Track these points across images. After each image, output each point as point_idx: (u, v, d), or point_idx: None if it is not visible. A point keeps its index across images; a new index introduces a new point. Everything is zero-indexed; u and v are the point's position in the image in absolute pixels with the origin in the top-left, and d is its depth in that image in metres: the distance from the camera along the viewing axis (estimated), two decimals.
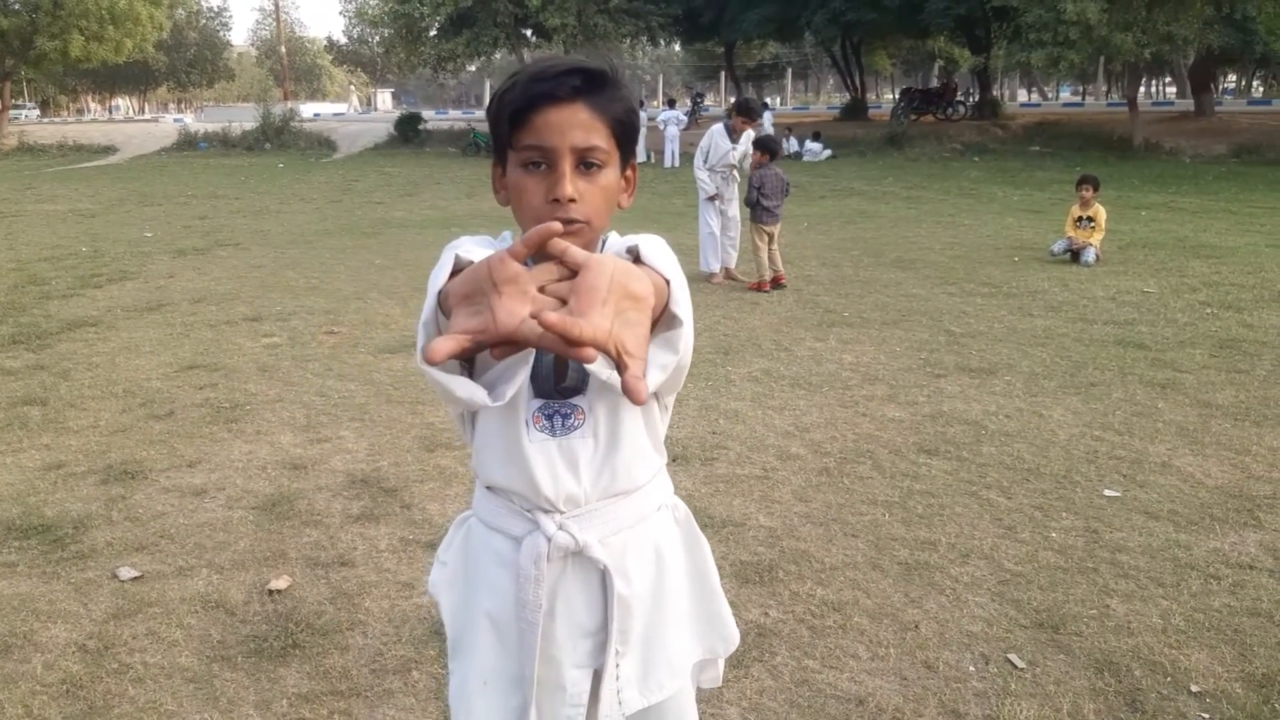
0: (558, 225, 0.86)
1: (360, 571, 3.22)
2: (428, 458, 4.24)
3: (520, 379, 1.09)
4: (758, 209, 7.97)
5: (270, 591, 3.09)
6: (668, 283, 1.06)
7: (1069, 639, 2.76)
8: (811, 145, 24.10)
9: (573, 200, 1.20)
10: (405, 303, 7.51)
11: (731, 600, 2.93)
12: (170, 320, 7.03)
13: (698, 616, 1.46)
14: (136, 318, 7.14)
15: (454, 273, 1.07)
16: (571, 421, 1.27)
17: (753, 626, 2.81)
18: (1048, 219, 11.62)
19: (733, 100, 11.94)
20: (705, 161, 8.55)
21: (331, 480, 4.02)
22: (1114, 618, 2.86)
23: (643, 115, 23.67)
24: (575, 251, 0.87)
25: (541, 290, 0.86)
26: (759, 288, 7.93)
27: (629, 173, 1.32)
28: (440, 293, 1.03)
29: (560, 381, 1.26)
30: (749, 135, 8.41)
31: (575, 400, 1.27)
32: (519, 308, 0.85)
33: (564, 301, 0.85)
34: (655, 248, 1.11)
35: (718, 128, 8.61)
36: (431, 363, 0.84)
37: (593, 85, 1.22)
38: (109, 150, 31.01)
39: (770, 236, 7.95)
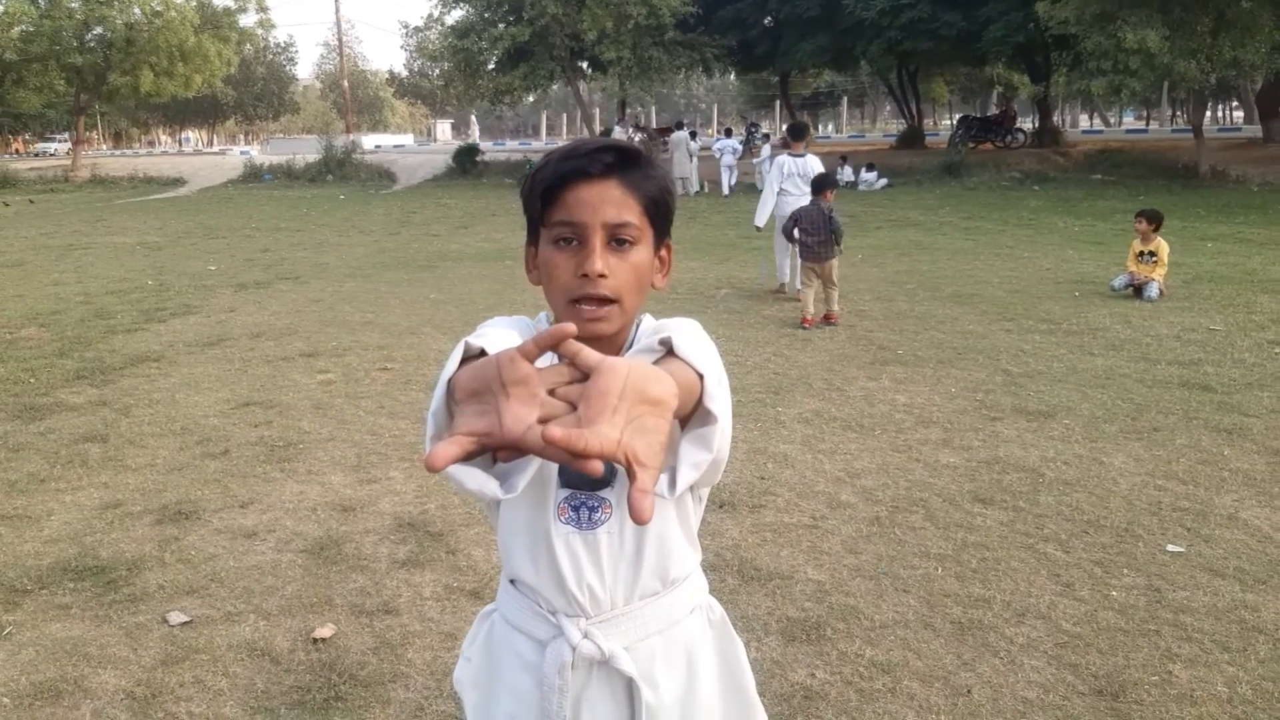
0: (572, 327, 0.84)
1: (404, 620, 3.22)
2: (474, 501, 4.24)
3: (531, 470, 1.06)
4: (799, 246, 8.02)
5: (315, 640, 3.10)
6: (701, 377, 1.02)
7: (1129, 707, 2.65)
8: (866, 175, 23.95)
9: (603, 276, 1.18)
10: (458, 338, 7.54)
11: (777, 659, 2.89)
12: (229, 356, 7.17)
13: None
14: (197, 353, 7.29)
15: (466, 358, 1.05)
16: (598, 515, 1.24)
17: (799, 689, 2.74)
18: (1110, 251, 11.39)
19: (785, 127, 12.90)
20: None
21: (379, 523, 4.04)
22: (1177, 685, 2.75)
23: (695, 145, 23.88)
24: (588, 354, 0.84)
25: (552, 393, 0.84)
26: (804, 322, 7.85)
27: (663, 253, 1.30)
28: (450, 381, 1.02)
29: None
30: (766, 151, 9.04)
31: (603, 493, 1.24)
32: (527, 412, 0.82)
33: (575, 406, 0.82)
34: (690, 338, 1.07)
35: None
36: (432, 470, 0.82)
37: (626, 163, 1.21)
38: (178, 182, 31.93)
39: (813, 274, 7.93)
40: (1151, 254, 8.83)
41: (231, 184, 31.09)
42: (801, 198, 9.09)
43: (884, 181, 23.69)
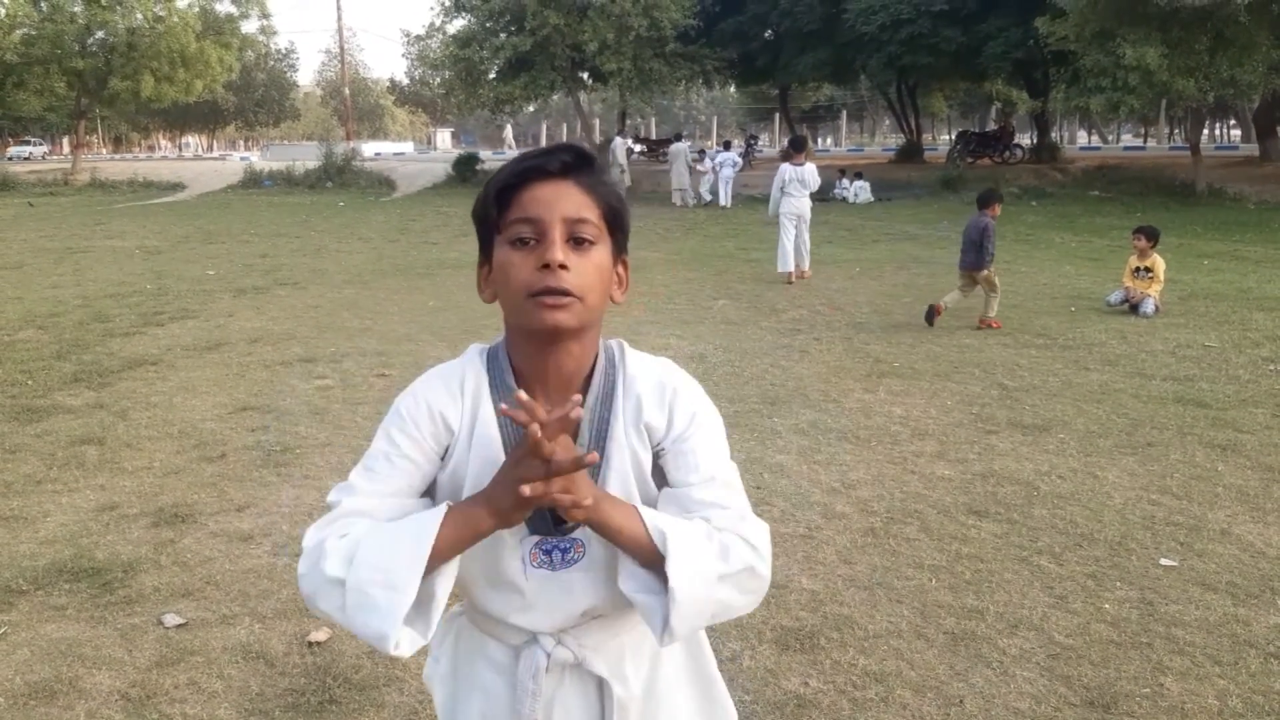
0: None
1: None
2: None
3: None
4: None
5: (310, 643, 3.11)
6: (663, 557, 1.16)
7: (1120, 719, 2.66)
8: (858, 183, 23.95)
9: (563, 267, 1.16)
10: (455, 346, 7.57)
11: (771, 668, 2.90)
12: (228, 360, 7.17)
13: (697, 706, 1.42)
14: (195, 357, 7.30)
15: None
16: (571, 555, 1.26)
17: (791, 697, 2.75)
18: (1106, 267, 11.43)
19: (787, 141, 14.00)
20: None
21: None
22: (1168, 698, 2.76)
23: (689, 154, 23.96)
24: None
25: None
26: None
27: (620, 269, 1.28)
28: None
29: (560, 522, 1.24)
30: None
31: (575, 534, 1.25)
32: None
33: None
34: (686, 557, 1.17)
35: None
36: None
37: (583, 164, 1.21)
38: (177, 187, 31.93)
39: (966, 280, 8.50)
40: (1148, 270, 8.87)
41: (231, 189, 31.09)
42: (801, 199, 10.97)
43: (867, 194, 23.56)
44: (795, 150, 11.55)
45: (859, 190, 23.60)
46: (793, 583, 3.51)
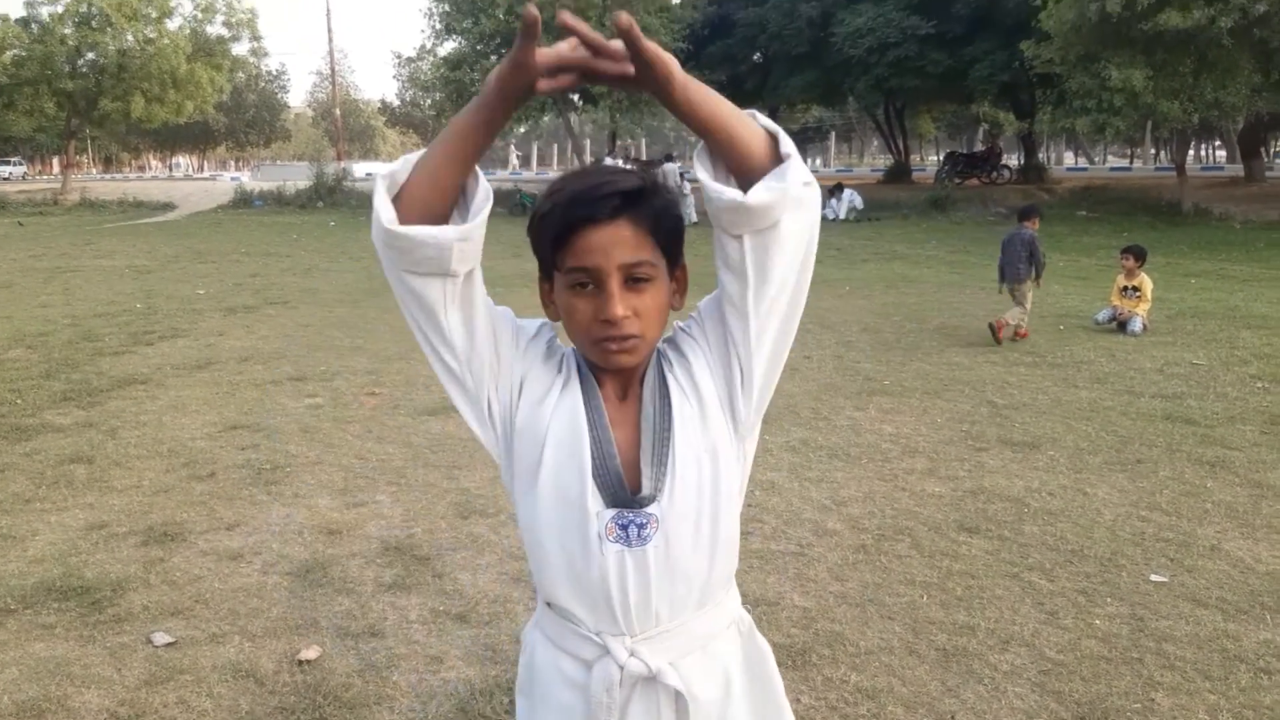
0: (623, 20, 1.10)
1: (390, 643, 3.22)
2: (461, 525, 4.24)
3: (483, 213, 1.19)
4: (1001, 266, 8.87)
5: (300, 661, 3.10)
6: (775, 136, 1.18)
7: None
8: (848, 192, 24.05)
9: (625, 317, 1.21)
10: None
11: None
12: (218, 379, 7.16)
13: None
14: (185, 376, 7.28)
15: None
16: (646, 531, 1.26)
17: None
18: (1094, 285, 11.51)
19: None
20: None
21: (365, 547, 4.03)
22: (1159, 712, 2.77)
23: (677, 175, 24.05)
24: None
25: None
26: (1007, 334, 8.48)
27: (679, 274, 1.33)
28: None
29: (636, 491, 1.26)
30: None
31: (649, 509, 1.26)
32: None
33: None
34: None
35: None
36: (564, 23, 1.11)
37: (632, 201, 1.22)
38: (168, 207, 31.92)
39: (1010, 292, 8.71)
40: (1135, 289, 8.93)
41: (221, 209, 31.09)
42: None
43: (858, 201, 23.62)
44: None
45: (850, 198, 23.70)
46: (784, 600, 3.51)
